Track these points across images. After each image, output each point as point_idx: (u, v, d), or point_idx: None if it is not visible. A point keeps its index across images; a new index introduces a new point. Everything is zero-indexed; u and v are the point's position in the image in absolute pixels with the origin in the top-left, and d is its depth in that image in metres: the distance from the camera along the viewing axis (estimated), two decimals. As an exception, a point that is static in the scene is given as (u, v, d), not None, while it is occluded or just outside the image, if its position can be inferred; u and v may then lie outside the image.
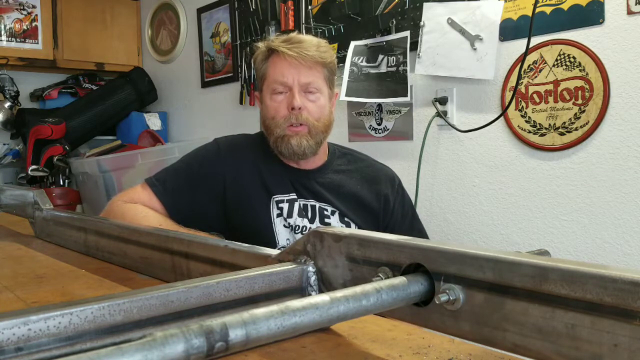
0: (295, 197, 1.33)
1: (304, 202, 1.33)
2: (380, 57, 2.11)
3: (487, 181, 1.87)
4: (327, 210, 1.34)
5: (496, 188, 1.85)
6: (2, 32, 3.14)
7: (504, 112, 1.79)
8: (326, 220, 1.33)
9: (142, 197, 1.30)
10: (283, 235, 1.30)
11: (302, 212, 1.32)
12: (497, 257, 0.39)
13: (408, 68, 2.02)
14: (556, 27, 1.68)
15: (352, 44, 2.19)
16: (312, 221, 1.32)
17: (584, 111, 1.63)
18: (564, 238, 1.69)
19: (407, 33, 2.02)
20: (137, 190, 1.32)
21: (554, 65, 1.68)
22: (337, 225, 1.32)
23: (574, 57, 1.64)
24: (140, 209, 1.27)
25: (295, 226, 1.31)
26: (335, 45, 2.29)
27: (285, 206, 1.32)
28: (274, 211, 1.31)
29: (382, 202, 1.39)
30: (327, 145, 1.43)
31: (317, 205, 1.34)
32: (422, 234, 1.47)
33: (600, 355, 0.34)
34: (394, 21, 2.08)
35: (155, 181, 1.33)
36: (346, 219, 1.34)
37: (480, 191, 1.89)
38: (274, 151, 1.37)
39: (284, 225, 1.31)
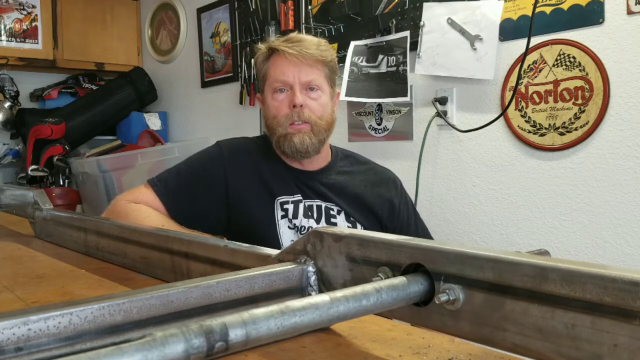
0: (301, 197, 1.33)
1: (309, 203, 1.33)
2: (380, 57, 2.11)
3: (487, 181, 1.87)
4: (333, 210, 1.34)
5: (496, 188, 1.85)
6: (2, 32, 3.13)
7: (503, 112, 1.79)
8: (332, 220, 1.33)
9: (146, 197, 1.30)
10: (287, 237, 1.30)
11: (308, 213, 1.32)
12: (497, 257, 0.39)
13: (408, 68, 2.02)
14: (556, 27, 1.67)
15: (352, 44, 2.19)
16: (318, 221, 1.31)
17: (584, 111, 1.63)
18: (564, 238, 1.69)
19: (407, 33, 2.02)
20: (141, 191, 1.32)
21: (554, 65, 1.68)
22: (343, 225, 1.33)
23: (574, 57, 1.64)
24: (144, 210, 1.27)
25: (301, 227, 1.30)
26: (335, 45, 2.29)
27: (290, 207, 1.31)
28: (278, 212, 1.31)
29: (387, 205, 1.40)
30: (329, 147, 1.44)
31: (323, 205, 1.34)
32: (426, 231, 1.50)
33: (600, 355, 0.34)
34: (394, 21, 2.08)
35: (158, 182, 1.33)
36: (352, 219, 1.35)
37: (480, 191, 1.89)
38: (277, 151, 1.37)
39: (289, 227, 1.31)
